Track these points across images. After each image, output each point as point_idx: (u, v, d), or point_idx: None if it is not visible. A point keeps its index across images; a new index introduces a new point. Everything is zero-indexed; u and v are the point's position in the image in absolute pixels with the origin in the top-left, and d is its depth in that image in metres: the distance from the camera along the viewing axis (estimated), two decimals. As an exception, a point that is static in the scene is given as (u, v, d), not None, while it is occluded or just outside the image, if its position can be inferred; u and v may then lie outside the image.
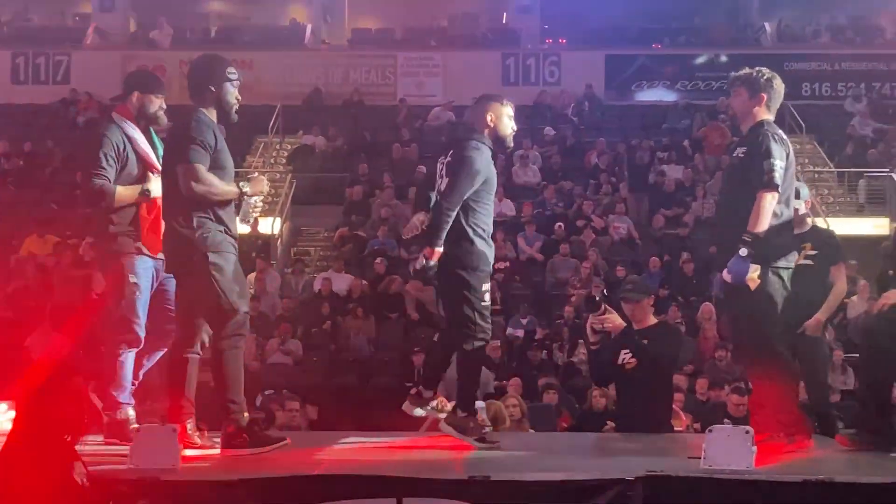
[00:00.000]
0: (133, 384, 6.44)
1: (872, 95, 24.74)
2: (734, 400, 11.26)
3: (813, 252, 7.74)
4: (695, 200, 20.36)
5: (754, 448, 4.96)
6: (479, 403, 7.86)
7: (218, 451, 5.90)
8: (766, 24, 27.46)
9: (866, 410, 6.11)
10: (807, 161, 21.77)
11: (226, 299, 5.83)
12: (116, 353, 6.35)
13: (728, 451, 4.92)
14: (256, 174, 6.22)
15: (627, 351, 7.10)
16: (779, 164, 6.02)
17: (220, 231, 5.90)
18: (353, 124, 23.64)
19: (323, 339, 16.15)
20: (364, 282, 17.09)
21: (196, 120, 5.91)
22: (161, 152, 6.36)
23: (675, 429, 9.36)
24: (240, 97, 6.15)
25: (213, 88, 6.02)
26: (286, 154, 23.14)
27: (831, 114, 24.05)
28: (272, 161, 22.91)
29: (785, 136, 6.22)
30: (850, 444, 6.02)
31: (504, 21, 29.24)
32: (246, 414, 5.93)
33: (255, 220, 6.29)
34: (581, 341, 14.27)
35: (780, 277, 6.12)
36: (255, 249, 17.94)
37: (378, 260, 17.51)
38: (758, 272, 5.95)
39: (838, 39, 26.87)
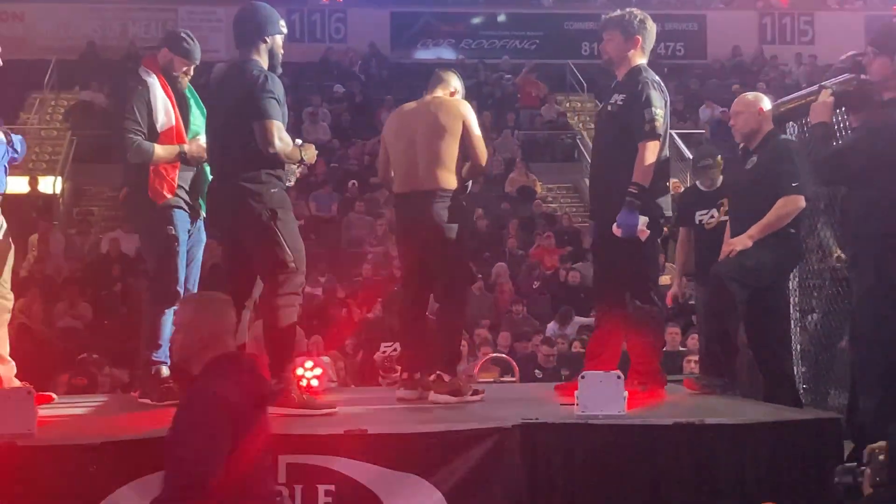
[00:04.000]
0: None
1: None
2: (544, 351, 11.57)
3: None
4: (485, 158, 20.56)
5: (626, 393, 5.02)
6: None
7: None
8: (547, -16, 27.85)
9: (712, 355, 6.28)
10: (588, 119, 22.27)
11: (291, 256, 5.51)
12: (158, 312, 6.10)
13: (600, 396, 4.95)
14: (301, 143, 5.81)
15: None
16: (660, 112, 6.00)
17: (284, 189, 5.64)
18: (133, 80, 22.66)
19: (114, 301, 15.49)
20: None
21: (265, 73, 5.55)
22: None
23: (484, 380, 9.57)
24: (282, 50, 5.80)
25: (266, 40, 5.67)
26: (63, 111, 22.01)
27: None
28: (48, 118, 21.82)
29: (662, 83, 6.22)
30: (698, 387, 6.19)
31: (287, -24, 28.70)
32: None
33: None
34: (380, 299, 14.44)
35: (658, 224, 6.14)
36: (35, 210, 17.06)
37: (169, 219, 16.90)
38: (647, 223, 5.93)
39: (615, 0, 27.51)
